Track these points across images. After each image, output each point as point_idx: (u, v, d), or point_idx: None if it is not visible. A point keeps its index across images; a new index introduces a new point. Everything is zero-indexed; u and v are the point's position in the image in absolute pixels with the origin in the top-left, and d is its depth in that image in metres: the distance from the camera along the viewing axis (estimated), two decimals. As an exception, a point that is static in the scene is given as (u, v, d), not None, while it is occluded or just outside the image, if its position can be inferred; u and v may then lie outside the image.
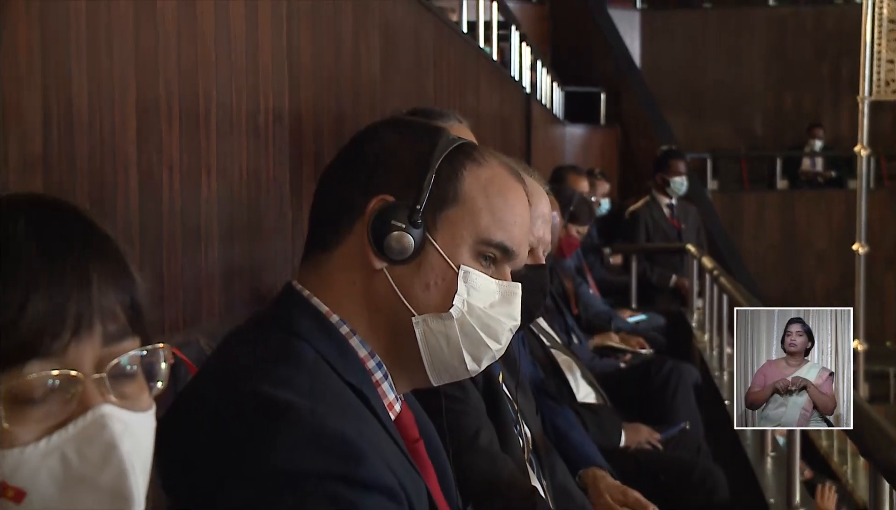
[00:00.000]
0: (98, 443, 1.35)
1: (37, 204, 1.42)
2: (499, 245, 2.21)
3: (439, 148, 2.20)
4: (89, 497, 1.35)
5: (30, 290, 1.32)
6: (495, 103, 11.46)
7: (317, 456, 1.90)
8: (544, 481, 3.54)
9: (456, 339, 2.17)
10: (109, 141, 2.68)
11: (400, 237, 2.13)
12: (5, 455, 1.32)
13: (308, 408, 1.93)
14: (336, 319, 2.18)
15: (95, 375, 1.37)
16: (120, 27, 2.71)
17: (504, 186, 2.24)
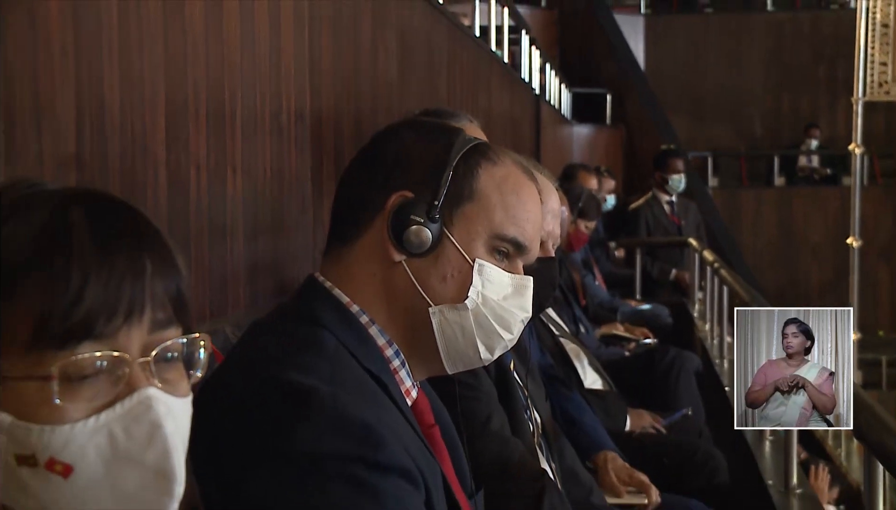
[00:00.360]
0: (144, 422, 1.36)
1: (93, 197, 1.43)
2: (512, 240, 2.20)
3: (456, 147, 2.20)
4: (134, 474, 1.36)
5: (88, 276, 1.34)
6: (506, 104, 11.45)
7: (338, 440, 1.91)
8: (553, 464, 3.54)
9: (471, 329, 2.17)
10: (140, 140, 2.68)
11: (418, 231, 2.13)
12: (56, 431, 1.33)
13: (330, 393, 1.94)
14: (356, 309, 2.18)
15: (142, 359, 1.38)
16: (150, 31, 2.71)
17: (517, 184, 2.24)
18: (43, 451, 1.33)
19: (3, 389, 1.34)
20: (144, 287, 1.38)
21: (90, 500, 1.36)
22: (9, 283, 1.34)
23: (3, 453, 1.34)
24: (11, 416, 1.33)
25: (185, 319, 1.45)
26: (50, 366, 1.33)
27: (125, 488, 1.36)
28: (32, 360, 1.33)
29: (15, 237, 1.36)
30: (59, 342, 1.33)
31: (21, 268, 1.34)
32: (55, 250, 1.35)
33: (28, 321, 1.33)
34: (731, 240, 17.58)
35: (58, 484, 1.34)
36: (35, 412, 1.33)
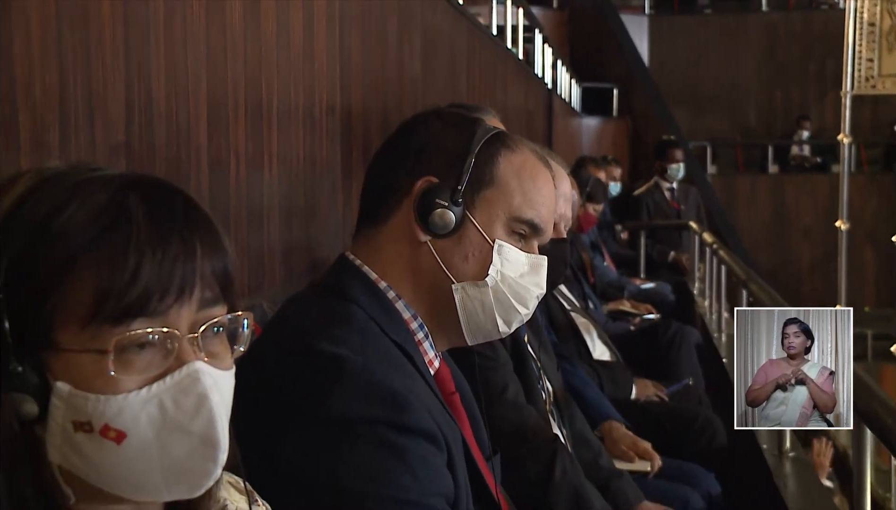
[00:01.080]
0: (192, 393, 1.37)
1: (149, 183, 1.43)
2: (529, 222, 2.22)
3: (478, 136, 2.21)
4: (182, 441, 1.37)
5: (143, 257, 1.34)
6: (521, 97, 11.45)
7: (368, 404, 1.94)
8: (564, 430, 3.54)
9: (490, 305, 2.19)
10: (184, 130, 2.67)
11: (443, 214, 2.15)
12: (110, 400, 1.34)
13: (361, 362, 1.96)
14: (384, 285, 2.20)
15: (190, 335, 1.39)
16: (193, 29, 2.71)
17: (534, 171, 2.25)
18: (98, 419, 1.34)
19: (62, 361, 1.35)
20: (195, 268, 1.39)
21: (140, 465, 1.37)
22: (70, 262, 1.34)
23: (61, 420, 1.35)
24: (69, 386, 1.34)
25: (230, 298, 1.45)
26: (106, 340, 1.33)
27: (173, 454, 1.37)
28: (90, 335, 1.34)
29: (76, 219, 1.36)
30: (115, 318, 1.33)
31: (81, 249, 1.34)
32: (114, 233, 1.35)
33: (86, 298, 1.33)
34: (728, 223, 17.54)
35: (111, 449, 1.35)
36: (91, 382, 1.34)
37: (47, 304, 1.34)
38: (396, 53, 5.17)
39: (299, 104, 3.62)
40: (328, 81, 3.93)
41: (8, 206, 1.38)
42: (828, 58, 21.57)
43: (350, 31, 4.25)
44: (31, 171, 1.44)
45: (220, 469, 1.42)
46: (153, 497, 1.42)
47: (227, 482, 1.65)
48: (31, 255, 1.35)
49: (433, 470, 1.99)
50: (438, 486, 1.99)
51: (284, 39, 3.43)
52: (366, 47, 4.53)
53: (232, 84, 3.00)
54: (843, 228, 8.70)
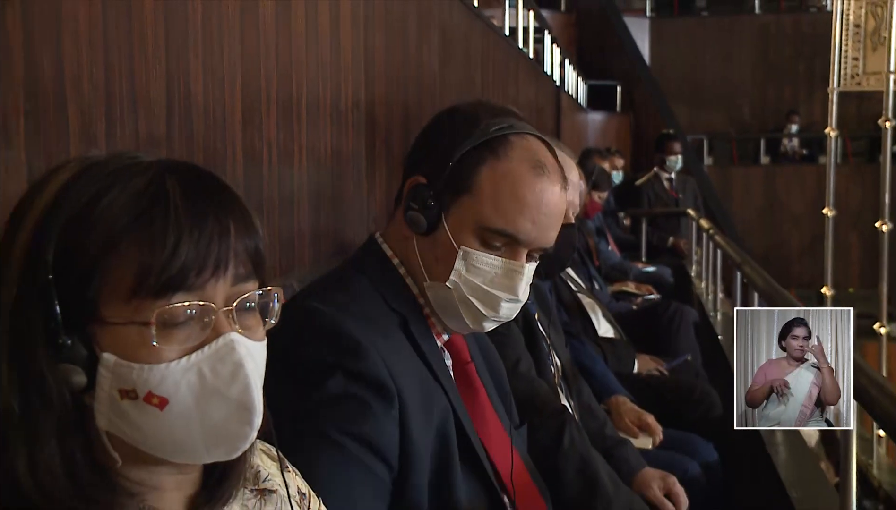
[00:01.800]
0: (228, 362, 1.38)
1: (185, 168, 1.44)
2: (500, 232, 2.15)
3: (469, 141, 2.16)
4: (220, 406, 1.38)
5: (181, 236, 1.35)
6: (531, 94, 11.45)
7: (327, 348, 1.97)
8: (572, 401, 3.53)
9: (455, 306, 2.17)
10: (220, 123, 2.67)
11: (416, 216, 2.15)
12: (153, 369, 1.35)
13: (330, 313, 1.99)
14: (397, 262, 2.23)
15: (225, 308, 1.40)
16: (229, 28, 2.70)
17: (517, 182, 2.16)
18: (142, 386, 1.35)
19: (108, 334, 1.36)
20: (229, 246, 1.39)
21: (181, 429, 1.38)
22: (113, 242, 1.35)
23: (108, 388, 1.36)
24: (115, 357, 1.35)
25: (261, 274, 1.46)
26: (149, 313, 1.34)
27: (212, 418, 1.38)
28: (133, 308, 1.35)
29: (119, 202, 1.36)
30: (157, 293, 1.34)
31: (124, 229, 1.35)
32: (154, 214, 1.36)
33: (129, 275, 1.34)
34: (723, 210, 17.50)
35: (154, 414, 1.36)
36: (135, 353, 1.35)
37: (93, 281, 1.35)
38: (416, 52, 5.16)
39: (327, 99, 3.62)
40: (353, 78, 3.93)
41: (54, 191, 1.39)
42: (816, 57, 21.54)
43: (374, 30, 4.24)
44: (75, 159, 1.45)
45: (256, 432, 1.43)
46: (194, 459, 1.44)
47: (259, 450, 1.66)
48: (76, 236, 1.36)
49: (364, 416, 1.97)
50: (363, 432, 1.97)
51: (313, 39, 3.42)
52: (388, 46, 4.52)
53: (264, 80, 3.00)
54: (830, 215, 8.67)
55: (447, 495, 2.09)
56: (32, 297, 1.36)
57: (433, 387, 2.13)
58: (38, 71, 1.80)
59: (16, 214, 1.41)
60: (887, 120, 7.55)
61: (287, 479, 1.67)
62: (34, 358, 1.36)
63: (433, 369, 2.15)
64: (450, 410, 2.13)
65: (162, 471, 1.45)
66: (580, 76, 19.07)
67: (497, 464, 2.27)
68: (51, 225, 1.36)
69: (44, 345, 1.36)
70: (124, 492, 1.41)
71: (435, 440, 2.09)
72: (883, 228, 7.53)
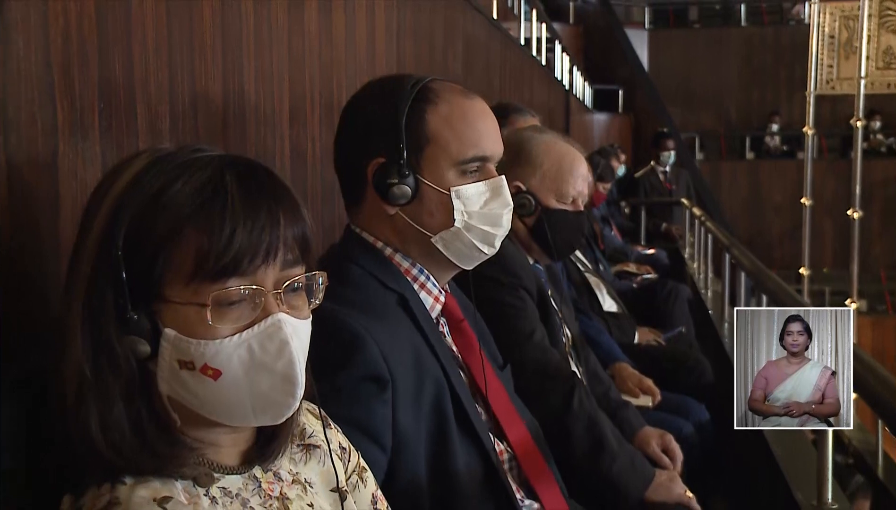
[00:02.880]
0: (275, 339, 1.39)
1: (242, 163, 1.45)
2: (473, 158, 2.14)
3: (400, 106, 2.11)
4: (267, 378, 1.39)
5: (237, 226, 1.36)
6: (543, 96, 11.44)
7: (329, 343, 1.88)
8: (581, 368, 3.51)
9: (468, 239, 2.14)
10: (270, 120, 2.66)
11: (398, 189, 2.10)
12: (209, 344, 1.36)
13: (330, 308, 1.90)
14: (381, 245, 2.18)
15: (274, 291, 1.41)
16: (277, 35, 2.69)
17: (461, 112, 2.15)
18: (199, 359, 1.37)
19: (170, 311, 1.37)
20: (279, 235, 1.40)
21: (233, 397, 1.40)
22: (176, 229, 1.36)
23: (169, 358, 1.38)
24: (175, 332, 1.37)
25: (308, 259, 1.47)
26: (205, 295, 1.36)
27: (260, 389, 1.40)
28: (192, 290, 1.36)
29: (183, 193, 1.37)
30: (213, 277, 1.36)
31: (187, 218, 1.36)
32: (213, 205, 1.37)
33: (190, 259, 1.36)
34: (713, 199, 17.45)
35: (209, 384, 1.38)
36: (193, 329, 1.37)
37: (158, 263, 1.36)
38: (442, 58, 5.15)
39: (363, 100, 3.60)
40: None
41: (128, 180, 1.40)
42: (795, 64, 21.51)
43: (405, 39, 4.23)
44: (147, 151, 1.45)
45: (299, 402, 1.45)
46: (244, 422, 1.46)
47: (305, 410, 1.67)
48: (145, 222, 1.37)
49: (360, 403, 1.96)
50: (358, 417, 1.95)
51: (351, 46, 3.41)
52: (417, 53, 4.51)
53: (309, 83, 2.98)
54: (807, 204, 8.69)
55: (445, 464, 2.07)
56: (105, 275, 1.37)
57: (429, 359, 2.10)
58: (111, 73, 1.80)
59: (94, 199, 1.42)
60: (858, 120, 7.59)
61: (329, 436, 1.68)
62: (105, 329, 1.37)
63: (430, 341, 2.13)
64: (444, 381, 2.10)
65: (217, 430, 1.47)
66: (586, 81, 19.05)
67: (495, 409, 2.26)
68: (123, 211, 1.37)
69: (113, 319, 1.37)
70: (185, 447, 1.43)
71: (429, 415, 2.07)
72: (854, 216, 7.56)
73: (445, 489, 2.06)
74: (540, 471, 2.31)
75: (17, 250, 1.53)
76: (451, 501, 2.06)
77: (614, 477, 2.95)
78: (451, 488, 2.06)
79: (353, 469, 1.74)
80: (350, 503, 1.67)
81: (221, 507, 1.43)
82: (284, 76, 2.75)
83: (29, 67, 1.56)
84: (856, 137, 7.63)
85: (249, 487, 1.49)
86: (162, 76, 1.99)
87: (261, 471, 1.53)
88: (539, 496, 2.27)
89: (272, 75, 2.65)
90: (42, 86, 1.59)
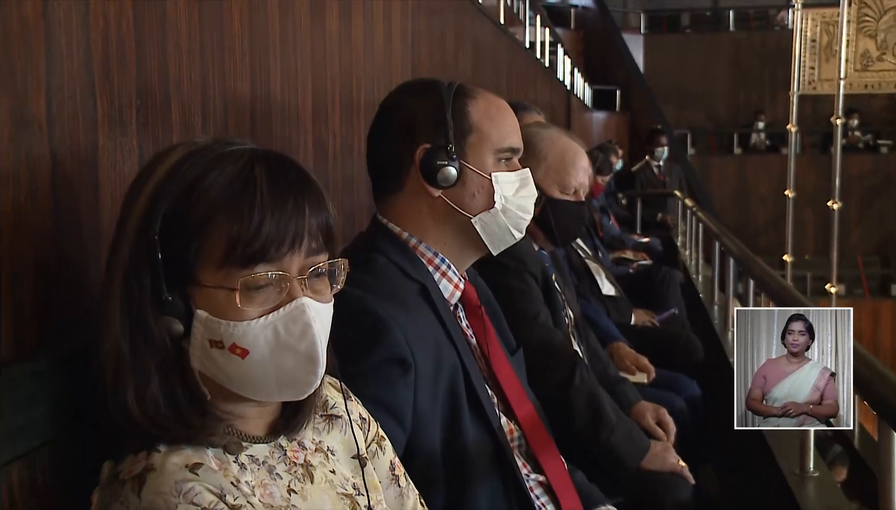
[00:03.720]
0: (299, 322, 1.39)
1: (270, 157, 1.44)
2: (510, 148, 2.19)
3: (445, 99, 2.16)
4: (291, 358, 1.40)
5: (265, 215, 1.36)
6: (547, 96, 11.44)
7: (355, 328, 1.93)
8: (582, 347, 3.51)
9: (503, 222, 2.16)
10: (294, 116, 2.65)
11: (445, 171, 2.11)
12: (237, 325, 1.37)
13: (357, 295, 1.94)
14: (406, 236, 2.18)
15: (299, 277, 1.41)
16: (301, 39, 2.68)
17: (496, 107, 2.22)
18: (228, 339, 1.37)
19: (202, 294, 1.38)
20: (304, 224, 1.40)
21: (259, 374, 1.40)
22: (210, 217, 1.36)
23: (200, 338, 1.38)
24: (207, 313, 1.37)
25: (331, 247, 1.47)
26: (235, 280, 1.36)
27: (284, 367, 1.40)
28: (223, 275, 1.36)
29: (217, 184, 1.38)
30: (242, 263, 1.36)
31: (219, 207, 1.36)
32: (243, 196, 1.37)
33: (221, 246, 1.36)
34: (703, 191, 17.42)
35: (237, 362, 1.38)
36: (223, 311, 1.37)
37: (192, 249, 1.37)
38: (453, 61, 5.14)
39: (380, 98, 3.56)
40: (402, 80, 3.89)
41: (165, 171, 1.40)
42: (779, 66, 21.38)
43: (419, 43, 4.22)
44: (183, 144, 1.45)
45: (320, 380, 1.45)
46: (269, 398, 1.47)
47: (327, 383, 1.67)
48: (181, 211, 1.37)
49: (384, 384, 1.96)
50: (382, 397, 1.95)
51: (369, 49, 3.40)
52: (430, 56, 4.51)
53: (330, 82, 2.97)
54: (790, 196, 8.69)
55: (457, 443, 2.07)
56: (143, 259, 1.37)
57: (446, 346, 2.10)
58: (147, 73, 1.80)
59: (133, 189, 1.42)
60: (838, 118, 7.61)
61: (349, 407, 1.68)
62: (142, 309, 1.37)
63: (447, 329, 2.13)
64: (459, 366, 2.10)
65: (244, 404, 1.47)
66: (586, 82, 19.01)
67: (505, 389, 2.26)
68: (161, 199, 1.37)
69: (150, 300, 1.37)
70: (215, 418, 1.43)
71: (445, 397, 2.07)
72: (833, 206, 7.57)
73: (458, 465, 2.06)
74: (545, 446, 2.31)
75: (60, 236, 1.53)
76: (463, 476, 2.06)
77: (612, 447, 2.96)
78: (462, 464, 2.06)
79: (373, 438, 1.74)
80: (369, 469, 1.67)
81: (249, 473, 1.43)
82: (307, 77, 2.74)
83: (71, 66, 1.55)
84: (835, 134, 7.63)
85: (275, 455, 1.50)
86: (194, 75, 1.99)
87: (286, 440, 1.53)
88: (544, 469, 2.27)
89: (296, 76, 2.64)
90: (83, 84, 1.59)
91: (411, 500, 1.78)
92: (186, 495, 1.30)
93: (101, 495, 1.35)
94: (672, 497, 2.92)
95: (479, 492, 2.08)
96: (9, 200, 1.41)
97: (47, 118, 1.49)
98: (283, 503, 1.45)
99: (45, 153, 1.49)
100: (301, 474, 1.52)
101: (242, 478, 1.41)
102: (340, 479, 1.59)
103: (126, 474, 1.33)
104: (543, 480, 2.27)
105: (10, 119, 1.41)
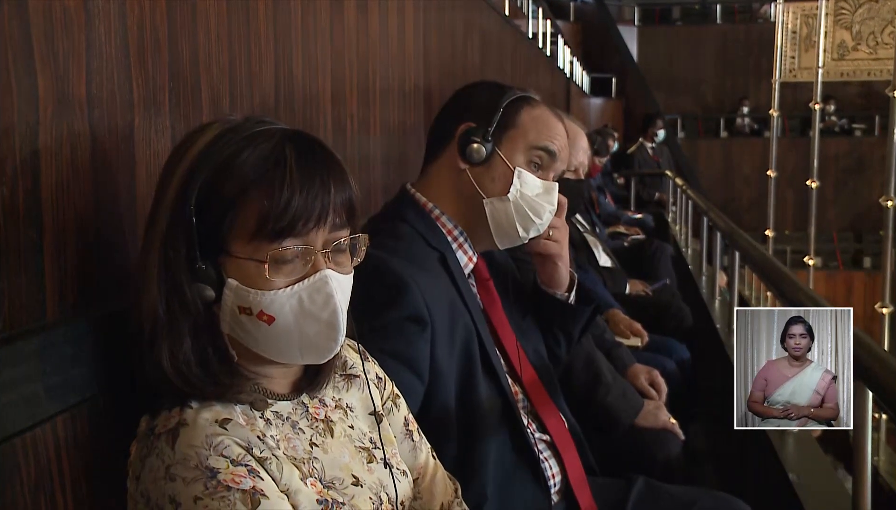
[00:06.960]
0: (322, 292, 1.39)
1: (301, 137, 1.44)
2: (545, 148, 2.18)
3: (507, 96, 2.19)
4: (313, 325, 1.40)
5: (293, 193, 1.36)
6: (548, 83, 11.42)
7: (378, 286, 1.94)
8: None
9: (511, 215, 2.16)
10: (314, 100, 2.64)
11: (477, 148, 2.14)
12: (265, 294, 1.37)
13: (381, 256, 1.97)
14: (430, 207, 2.20)
15: (323, 250, 1.40)
16: (321, 27, 2.67)
17: (548, 118, 2.22)
18: (256, 306, 1.37)
19: (233, 264, 1.38)
20: (329, 202, 1.39)
21: (284, 339, 1.40)
22: (242, 192, 1.36)
23: (230, 304, 1.38)
24: (237, 282, 1.37)
25: (353, 222, 1.46)
26: (264, 252, 1.36)
27: (307, 334, 1.40)
28: (253, 247, 1.36)
29: (249, 161, 1.37)
30: (271, 237, 1.35)
31: (251, 183, 1.36)
32: (274, 174, 1.36)
33: (252, 220, 1.35)
34: (692, 171, 17.36)
35: (264, 328, 1.38)
36: (252, 281, 1.37)
37: (224, 222, 1.36)
38: (462, 50, 5.12)
39: (394, 84, 3.58)
40: (414, 68, 3.90)
41: (200, 147, 1.40)
42: (762, 56, 21.38)
43: (430, 33, 4.21)
44: (218, 121, 1.45)
45: (340, 346, 1.45)
46: (292, 361, 1.46)
47: (346, 345, 1.67)
48: (215, 185, 1.37)
49: (404, 339, 1.97)
50: (401, 350, 1.96)
51: (384, 39, 3.39)
52: (440, 45, 4.49)
53: (348, 68, 2.96)
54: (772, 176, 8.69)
55: (470, 397, 2.08)
56: (179, 230, 1.37)
57: (461, 310, 2.11)
58: (179, 57, 1.79)
59: (170, 163, 1.42)
60: (816, 104, 7.63)
61: (366, 367, 1.68)
62: (177, 276, 1.37)
63: (462, 294, 2.14)
64: (472, 328, 2.11)
65: (270, 366, 1.47)
66: (584, 70, 18.98)
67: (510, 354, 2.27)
68: (197, 174, 1.37)
69: (185, 268, 1.37)
70: (242, 378, 1.43)
71: (460, 355, 2.08)
72: (812, 185, 7.61)
73: (470, 418, 2.07)
74: (547, 407, 2.31)
75: (99, 207, 1.53)
76: (475, 428, 2.07)
77: (608, 405, 2.96)
78: (474, 418, 2.08)
79: (388, 396, 1.74)
80: (385, 425, 1.68)
81: (274, 428, 1.43)
82: (327, 63, 2.73)
83: (109, 51, 1.55)
84: (814, 119, 7.64)
85: (298, 411, 1.50)
86: (223, 60, 1.98)
87: (308, 398, 1.54)
88: (547, 427, 2.28)
89: (316, 62, 2.63)
90: (120, 67, 1.58)
91: (424, 453, 1.78)
92: (216, 448, 1.30)
93: (138, 447, 1.35)
94: (663, 451, 2.93)
95: (488, 444, 2.09)
96: (52, 173, 1.41)
97: (87, 99, 1.49)
98: (305, 455, 1.45)
99: (86, 130, 1.49)
100: (322, 429, 1.52)
101: (268, 432, 1.41)
102: (358, 434, 1.59)
103: (161, 428, 1.33)
104: (547, 439, 2.27)
105: (54, 98, 1.41)
